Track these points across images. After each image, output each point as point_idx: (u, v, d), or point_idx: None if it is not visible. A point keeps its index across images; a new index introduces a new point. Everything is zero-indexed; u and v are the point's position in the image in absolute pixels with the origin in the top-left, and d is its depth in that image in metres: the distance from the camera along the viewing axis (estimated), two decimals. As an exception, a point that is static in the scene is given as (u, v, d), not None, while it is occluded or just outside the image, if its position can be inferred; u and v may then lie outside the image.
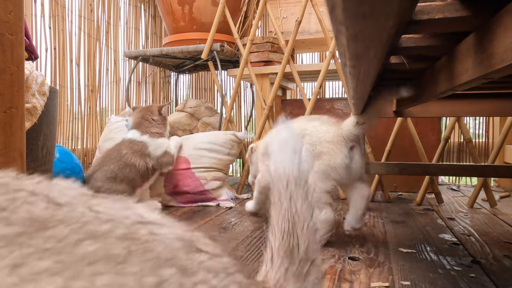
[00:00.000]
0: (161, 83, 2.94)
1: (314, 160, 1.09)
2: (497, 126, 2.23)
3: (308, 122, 1.18)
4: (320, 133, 1.11)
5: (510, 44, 0.40)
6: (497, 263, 0.97)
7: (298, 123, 1.20)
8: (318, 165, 1.08)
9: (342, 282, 0.84)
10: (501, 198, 1.87)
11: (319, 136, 1.10)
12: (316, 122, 1.15)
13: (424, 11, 0.48)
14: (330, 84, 2.78)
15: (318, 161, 1.08)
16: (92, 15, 2.34)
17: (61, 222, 0.23)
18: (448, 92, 0.69)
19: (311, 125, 1.14)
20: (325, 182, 1.07)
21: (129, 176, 1.49)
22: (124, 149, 1.53)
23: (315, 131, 1.12)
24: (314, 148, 1.10)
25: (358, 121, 1.09)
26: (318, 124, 1.14)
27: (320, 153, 1.09)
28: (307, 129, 1.14)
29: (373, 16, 0.25)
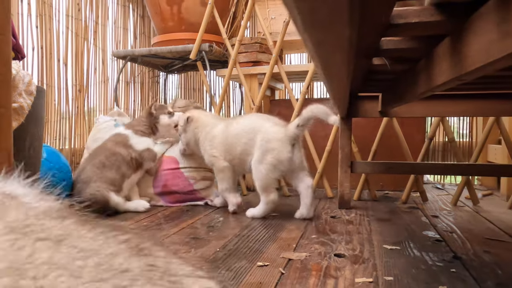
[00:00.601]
0: (149, 83, 2.94)
1: (266, 152, 1.37)
2: (480, 126, 2.29)
3: (262, 121, 1.44)
4: (273, 132, 1.38)
5: (480, 47, 0.42)
6: (477, 259, 1.00)
7: (251, 119, 1.47)
8: (269, 158, 1.37)
9: (327, 278, 0.86)
10: (484, 196, 1.92)
11: (272, 135, 1.38)
12: (270, 123, 1.42)
13: (402, 15, 0.50)
14: (318, 84, 2.81)
15: (269, 155, 1.37)
16: (80, 14, 2.33)
17: None
18: (428, 93, 0.71)
19: (266, 125, 1.41)
20: (274, 172, 1.37)
21: (116, 164, 1.54)
22: (108, 142, 1.62)
23: (269, 130, 1.39)
24: (268, 144, 1.37)
25: (299, 124, 1.37)
26: (271, 125, 1.40)
27: (271, 148, 1.37)
28: (262, 127, 1.41)
29: (330, 26, 0.27)
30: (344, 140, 1.62)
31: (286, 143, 1.38)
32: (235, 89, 2.95)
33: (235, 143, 1.47)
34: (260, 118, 1.49)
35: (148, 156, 1.63)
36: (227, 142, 1.50)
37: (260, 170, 1.39)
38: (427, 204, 1.72)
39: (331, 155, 1.85)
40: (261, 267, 0.93)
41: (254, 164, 1.41)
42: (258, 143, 1.40)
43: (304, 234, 1.22)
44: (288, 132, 1.38)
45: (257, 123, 1.44)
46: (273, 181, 1.40)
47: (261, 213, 1.43)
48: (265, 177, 1.38)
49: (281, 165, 1.37)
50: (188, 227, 1.31)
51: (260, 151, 1.39)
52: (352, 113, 1.61)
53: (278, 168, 1.37)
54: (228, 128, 1.51)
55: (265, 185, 1.39)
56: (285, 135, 1.38)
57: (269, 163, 1.36)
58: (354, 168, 1.64)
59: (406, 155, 1.78)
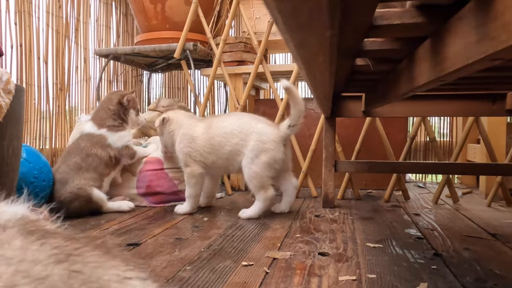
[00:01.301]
0: (133, 82, 2.90)
1: (260, 153, 1.39)
2: (460, 125, 2.34)
3: (255, 122, 1.45)
4: (267, 133, 1.41)
5: (459, 49, 0.43)
6: (457, 256, 1.02)
7: (242, 119, 1.47)
8: (264, 158, 1.39)
9: (311, 276, 0.87)
10: (464, 194, 1.97)
11: (267, 136, 1.41)
12: (263, 124, 1.44)
13: (384, 16, 0.51)
14: (303, 84, 2.82)
15: (265, 154, 1.39)
16: (61, 11, 2.28)
17: None
18: (409, 94, 0.72)
19: (259, 126, 1.43)
20: (270, 170, 1.41)
21: (93, 165, 1.51)
22: (82, 142, 1.55)
23: (264, 131, 1.42)
24: (263, 145, 1.40)
25: (290, 124, 1.41)
26: (265, 126, 1.43)
27: (267, 149, 1.39)
28: (255, 128, 1.43)
29: (311, 28, 0.27)
30: (328, 139, 1.63)
31: (280, 144, 1.41)
32: (220, 89, 2.94)
33: (223, 142, 1.45)
34: (252, 118, 1.48)
35: (127, 153, 1.59)
36: (213, 142, 1.47)
37: (254, 170, 1.40)
38: (409, 203, 1.75)
39: (315, 155, 1.86)
40: (245, 266, 0.93)
41: (248, 164, 1.41)
42: (252, 143, 1.41)
43: (288, 233, 1.23)
44: (281, 133, 1.42)
45: (251, 124, 1.44)
46: (269, 179, 1.41)
47: (258, 212, 1.42)
48: (261, 176, 1.40)
49: (276, 164, 1.41)
50: (172, 227, 1.30)
51: (254, 152, 1.40)
52: (336, 113, 1.62)
53: (273, 167, 1.40)
54: (212, 127, 1.49)
55: (261, 184, 1.40)
56: (278, 135, 1.41)
57: (265, 162, 1.39)
58: (338, 167, 1.66)
59: (389, 155, 1.81)
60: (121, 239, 1.15)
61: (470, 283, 0.84)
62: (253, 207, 1.43)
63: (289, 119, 1.42)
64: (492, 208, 1.64)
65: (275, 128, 1.44)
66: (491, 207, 1.65)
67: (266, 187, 1.41)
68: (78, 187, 1.44)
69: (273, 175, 1.42)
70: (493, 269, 0.92)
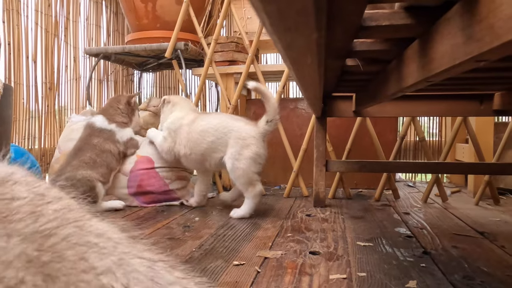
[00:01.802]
0: (123, 81, 2.88)
1: (243, 149, 1.42)
2: (449, 125, 2.37)
3: (233, 120, 1.49)
4: (246, 130, 1.44)
5: (446, 50, 0.44)
6: (446, 253, 1.04)
7: (220, 118, 1.51)
8: (248, 153, 1.41)
9: (302, 275, 0.88)
10: (452, 193, 1.99)
11: (247, 132, 1.43)
12: (241, 122, 1.48)
13: (373, 18, 0.51)
14: (294, 84, 2.83)
15: (248, 150, 1.41)
16: (50, 10, 2.26)
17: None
18: (398, 94, 0.73)
19: (237, 124, 1.47)
20: (255, 166, 1.42)
21: (107, 160, 1.58)
22: (95, 138, 1.61)
23: (243, 128, 1.44)
24: (244, 141, 1.42)
25: (268, 119, 1.44)
26: (243, 124, 1.46)
27: (249, 144, 1.42)
28: (233, 126, 1.46)
29: (298, 30, 0.27)
30: (319, 139, 1.64)
31: (260, 139, 1.45)
32: (211, 88, 2.93)
33: (199, 140, 1.49)
34: (230, 118, 1.53)
35: (132, 144, 1.70)
36: (190, 137, 1.52)
37: (238, 167, 1.41)
38: (399, 202, 1.77)
39: (306, 154, 1.87)
40: (237, 266, 0.94)
41: (232, 162, 1.42)
42: (232, 141, 1.43)
43: (280, 233, 1.23)
44: (260, 129, 1.45)
45: (228, 123, 1.48)
46: (255, 175, 1.43)
47: (249, 210, 1.43)
48: (247, 172, 1.41)
49: (260, 159, 1.43)
50: (164, 227, 1.30)
51: (234, 149, 1.43)
52: (327, 112, 1.63)
53: (257, 162, 1.43)
54: (194, 123, 1.53)
55: (248, 180, 1.42)
56: (258, 132, 1.45)
57: (249, 157, 1.41)
58: (329, 167, 1.67)
59: (379, 154, 1.82)
60: (112, 240, 1.15)
61: (458, 280, 0.85)
62: (244, 206, 1.44)
63: (266, 115, 1.45)
64: (480, 207, 1.66)
65: (254, 125, 1.47)
66: (479, 206, 1.68)
67: (254, 183, 1.43)
68: (87, 177, 1.48)
69: (258, 170, 1.44)
70: (480, 266, 0.94)
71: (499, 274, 0.89)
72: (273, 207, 1.64)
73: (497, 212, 1.56)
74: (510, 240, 1.17)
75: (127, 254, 0.33)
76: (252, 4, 0.23)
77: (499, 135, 1.93)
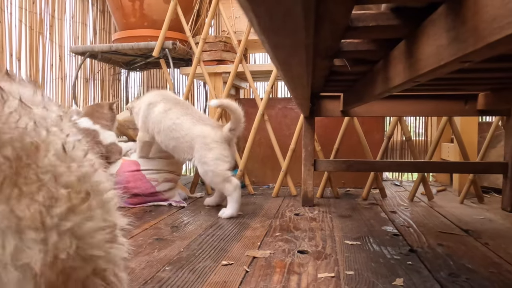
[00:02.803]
0: (110, 80, 2.85)
1: (207, 152, 1.48)
2: (434, 125, 2.41)
3: (200, 125, 1.53)
4: (210, 135, 1.50)
5: (432, 51, 0.45)
6: (431, 251, 1.05)
7: (188, 122, 1.54)
8: (212, 155, 1.47)
9: (291, 274, 0.88)
10: (438, 192, 2.03)
11: (211, 138, 1.50)
12: (208, 127, 1.53)
13: (360, 18, 0.52)
14: (283, 84, 2.84)
15: (211, 153, 1.47)
16: (34, 7, 2.22)
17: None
18: (385, 94, 0.74)
19: (202, 129, 1.52)
20: (223, 164, 1.48)
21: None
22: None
23: (206, 134, 1.51)
24: (207, 146, 1.48)
25: (231, 127, 1.50)
26: (210, 129, 1.52)
27: (212, 148, 1.48)
28: (198, 132, 1.51)
29: (286, 30, 0.27)
30: (307, 139, 1.65)
31: (224, 143, 1.50)
32: (199, 88, 2.92)
33: (168, 135, 1.55)
34: (197, 121, 1.55)
35: (115, 150, 1.68)
36: (160, 126, 1.56)
37: (207, 169, 1.47)
38: (386, 200, 1.79)
39: (295, 154, 1.88)
40: (225, 266, 0.93)
41: (200, 166, 1.49)
42: (197, 146, 1.50)
43: (268, 232, 1.23)
44: (223, 134, 1.51)
45: (192, 130, 1.52)
46: (227, 172, 1.47)
47: (236, 207, 1.45)
48: (218, 172, 1.46)
49: (226, 158, 1.49)
50: (151, 227, 1.29)
51: (199, 153, 1.49)
52: (315, 112, 1.64)
53: (225, 160, 1.48)
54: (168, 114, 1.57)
55: (222, 179, 1.46)
56: (221, 136, 1.50)
57: (214, 158, 1.47)
58: (317, 166, 1.68)
59: (366, 153, 1.84)
60: (99, 241, 1.13)
61: (443, 278, 0.86)
62: (230, 205, 1.45)
63: (230, 123, 1.51)
64: (465, 205, 1.69)
65: (219, 130, 1.52)
66: (464, 204, 1.71)
67: (228, 178, 1.46)
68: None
69: (227, 167, 1.48)
70: (465, 263, 0.96)
71: (483, 271, 0.91)
72: (261, 206, 1.64)
73: (481, 210, 1.59)
74: (494, 237, 1.19)
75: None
76: (240, 4, 0.23)
77: (483, 134, 1.97)
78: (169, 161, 1.70)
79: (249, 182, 1.94)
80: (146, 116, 1.61)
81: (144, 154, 1.68)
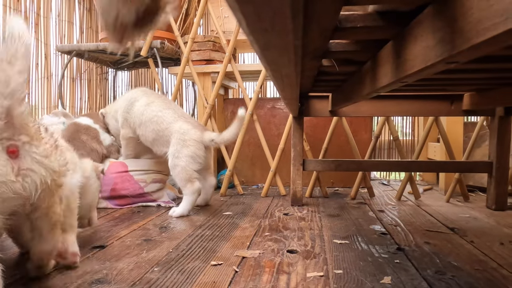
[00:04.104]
0: (97, 79, 2.81)
1: (182, 148, 1.50)
2: (421, 125, 2.44)
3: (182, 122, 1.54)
4: (190, 133, 1.52)
5: (418, 52, 0.45)
6: (418, 249, 1.07)
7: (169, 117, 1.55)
8: (186, 151, 1.49)
9: (280, 274, 0.88)
10: (425, 191, 2.05)
11: (189, 136, 1.51)
12: (189, 125, 1.54)
13: (348, 19, 0.52)
14: (271, 84, 2.84)
15: (186, 150, 1.49)
16: (19, 5, 2.18)
17: None
18: (373, 94, 0.75)
19: (184, 126, 1.53)
20: (194, 164, 1.50)
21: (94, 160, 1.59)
22: (83, 135, 1.64)
23: (186, 131, 1.52)
24: (184, 142, 1.50)
25: (214, 140, 1.53)
26: (191, 128, 1.53)
27: (188, 145, 1.49)
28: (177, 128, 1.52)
29: (274, 31, 0.27)
30: (296, 138, 1.65)
31: (201, 144, 1.52)
32: (188, 87, 2.90)
33: (149, 128, 1.57)
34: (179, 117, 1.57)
35: (114, 149, 1.74)
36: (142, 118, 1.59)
37: (178, 164, 1.49)
38: (374, 200, 1.80)
39: (284, 154, 1.88)
40: (214, 266, 0.93)
41: (171, 159, 1.50)
42: (174, 141, 1.51)
43: (257, 232, 1.23)
44: (203, 138, 1.53)
45: (176, 122, 1.54)
46: (194, 172, 1.49)
47: (188, 207, 1.47)
48: (186, 170, 1.48)
49: (199, 158, 1.51)
50: (140, 228, 1.28)
51: (175, 147, 1.50)
52: (304, 112, 1.65)
53: (196, 161, 1.50)
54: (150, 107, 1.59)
55: (187, 177, 1.48)
56: (200, 138, 1.52)
57: (187, 155, 1.49)
58: (306, 166, 1.68)
59: (355, 153, 1.85)
60: (85, 242, 1.12)
61: (430, 275, 0.88)
62: (183, 203, 1.48)
63: (216, 137, 1.53)
64: (451, 204, 1.72)
65: (200, 131, 1.54)
66: (450, 203, 1.74)
67: (192, 180, 1.49)
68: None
69: (197, 168, 1.50)
70: (451, 261, 0.97)
71: (469, 268, 0.93)
72: (251, 206, 1.64)
73: (466, 209, 1.61)
74: (479, 235, 1.21)
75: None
76: (229, 4, 0.23)
77: (468, 134, 2.01)
78: (156, 161, 1.69)
79: (238, 182, 1.93)
80: (127, 111, 1.63)
81: (130, 151, 1.69)
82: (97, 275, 0.87)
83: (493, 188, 1.59)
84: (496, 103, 1.32)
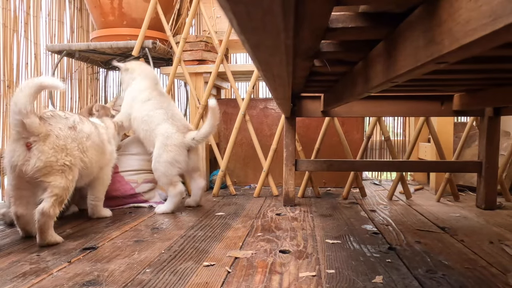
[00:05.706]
0: (88, 79, 2.79)
1: (163, 152, 1.52)
2: (412, 125, 2.46)
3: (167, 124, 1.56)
4: (173, 138, 1.54)
5: (409, 52, 0.46)
6: (410, 249, 1.07)
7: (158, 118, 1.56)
8: (166, 157, 1.52)
9: (272, 274, 0.88)
10: (416, 190, 2.07)
11: (171, 140, 1.53)
12: (174, 128, 1.55)
13: (339, 19, 0.52)
14: (264, 84, 2.85)
15: (166, 154, 1.52)
16: (8, 4, 2.15)
17: None
18: (364, 94, 0.75)
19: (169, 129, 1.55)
20: (173, 169, 1.52)
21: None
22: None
23: (169, 135, 1.54)
24: (166, 147, 1.53)
25: (194, 138, 1.55)
26: (174, 131, 1.55)
27: (169, 150, 1.53)
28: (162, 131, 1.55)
29: (265, 30, 0.27)
30: (288, 139, 1.66)
31: (182, 148, 1.54)
32: (180, 88, 2.89)
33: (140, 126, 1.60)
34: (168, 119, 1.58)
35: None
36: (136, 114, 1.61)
37: (158, 168, 1.52)
38: (366, 199, 1.81)
39: (276, 154, 1.89)
40: (207, 267, 0.93)
41: (153, 163, 1.54)
42: (158, 143, 1.54)
43: (250, 232, 1.23)
44: (185, 140, 1.55)
45: (161, 126, 1.56)
46: (175, 176, 1.53)
47: (171, 207, 1.52)
48: (166, 175, 1.52)
49: (178, 163, 1.53)
50: (131, 229, 1.27)
51: (157, 151, 1.53)
52: (296, 112, 1.65)
53: (175, 166, 1.53)
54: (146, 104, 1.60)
55: (169, 181, 1.52)
56: (182, 142, 1.55)
57: (166, 161, 1.52)
58: (298, 166, 1.69)
59: (347, 153, 1.86)
60: (76, 243, 1.11)
61: (421, 274, 0.88)
62: (167, 203, 1.53)
63: (197, 134, 1.55)
64: (441, 203, 1.73)
65: (181, 134, 1.55)
66: (440, 202, 1.75)
67: (174, 183, 1.52)
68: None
69: (177, 173, 1.54)
70: (442, 260, 0.98)
71: (459, 267, 0.94)
72: (243, 207, 1.64)
73: (457, 208, 1.63)
74: (469, 234, 1.23)
75: None
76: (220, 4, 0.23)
77: (458, 134, 2.03)
78: (148, 161, 1.68)
79: (230, 183, 1.93)
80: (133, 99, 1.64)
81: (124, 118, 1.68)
82: (88, 277, 0.86)
83: (482, 187, 1.61)
84: (486, 103, 1.33)
